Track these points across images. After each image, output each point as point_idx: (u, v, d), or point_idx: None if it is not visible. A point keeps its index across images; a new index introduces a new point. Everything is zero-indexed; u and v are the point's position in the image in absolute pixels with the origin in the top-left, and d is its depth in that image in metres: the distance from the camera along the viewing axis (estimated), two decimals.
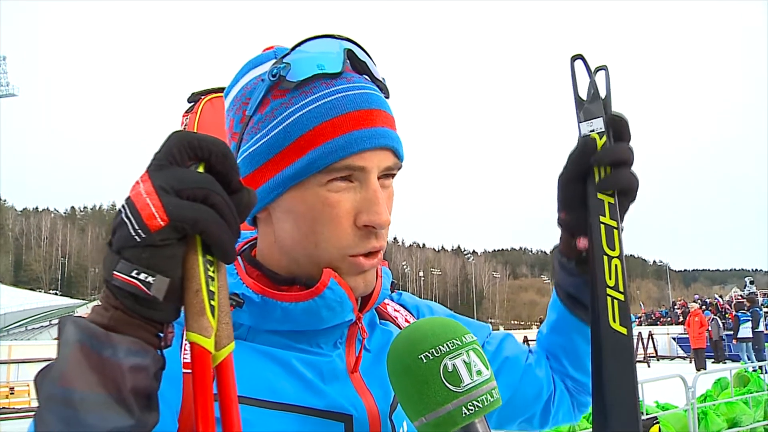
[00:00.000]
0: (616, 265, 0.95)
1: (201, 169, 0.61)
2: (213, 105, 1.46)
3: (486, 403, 0.71)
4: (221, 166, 0.61)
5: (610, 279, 0.95)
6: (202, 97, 1.49)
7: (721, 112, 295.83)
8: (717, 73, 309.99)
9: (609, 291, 0.95)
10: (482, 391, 0.71)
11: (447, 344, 0.73)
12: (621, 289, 0.94)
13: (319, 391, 0.84)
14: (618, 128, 0.95)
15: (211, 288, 0.61)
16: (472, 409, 0.69)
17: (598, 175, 0.96)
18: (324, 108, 0.81)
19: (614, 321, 0.93)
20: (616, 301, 0.94)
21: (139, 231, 0.56)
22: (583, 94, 1.00)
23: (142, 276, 0.57)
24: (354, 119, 0.81)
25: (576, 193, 0.98)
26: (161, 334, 0.62)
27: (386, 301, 1.07)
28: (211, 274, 0.61)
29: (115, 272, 0.57)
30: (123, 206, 0.58)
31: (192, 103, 1.50)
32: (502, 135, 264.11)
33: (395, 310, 1.06)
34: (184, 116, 1.49)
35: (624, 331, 0.93)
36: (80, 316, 0.61)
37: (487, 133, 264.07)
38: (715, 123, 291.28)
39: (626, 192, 0.96)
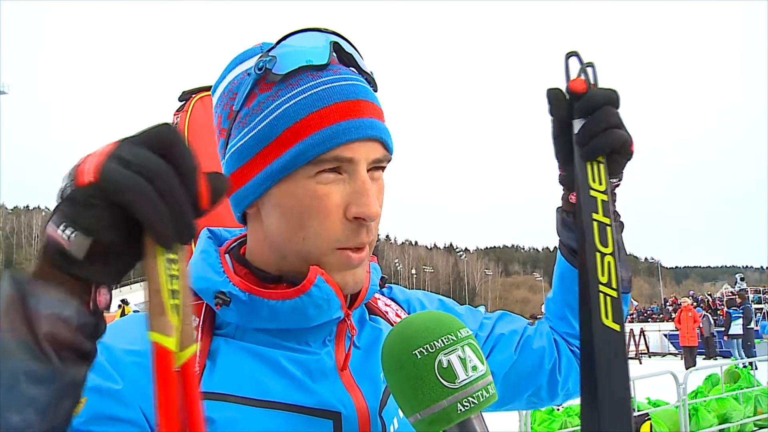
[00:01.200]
0: (609, 262, 0.95)
1: None
2: (204, 103, 1.46)
3: (482, 399, 0.70)
4: (181, 178, 0.58)
5: (603, 276, 0.95)
6: (193, 95, 1.48)
7: (713, 110, 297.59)
8: (713, 69, 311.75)
9: (602, 288, 0.94)
10: (478, 387, 0.70)
11: (441, 340, 0.71)
12: (614, 285, 0.94)
13: (307, 388, 0.84)
14: (590, 106, 0.96)
15: (173, 287, 0.60)
16: (467, 406, 0.69)
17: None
18: (311, 99, 0.81)
19: (607, 318, 0.93)
20: (608, 298, 0.94)
21: (69, 183, 0.57)
22: (571, 95, 1.01)
23: (67, 231, 0.57)
24: (341, 110, 0.80)
25: (564, 146, 1.02)
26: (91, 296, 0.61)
27: (377, 296, 1.06)
28: (173, 272, 0.60)
29: (48, 223, 0.58)
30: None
31: (183, 102, 1.49)
32: (494, 132, 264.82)
33: (386, 305, 1.05)
34: (175, 115, 1.48)
35: (617, 327, 0.93)
36: (18, 269, 0.61)
37: (480, 131, 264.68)
38: (707, 121, 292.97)
39: (617, 151, 0.97)
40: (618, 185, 1.06)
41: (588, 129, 0.96)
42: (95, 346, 0.62)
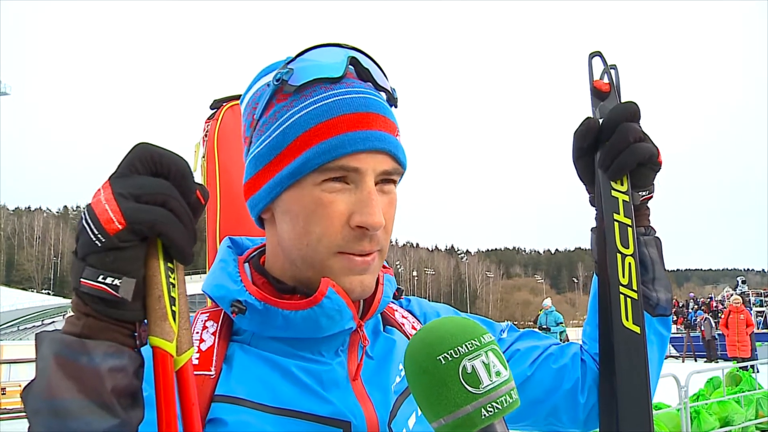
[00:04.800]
0: (629, 263, 0.94)
1: None
2: (234, 112, 1.48)
3: (505, 405, 0.70)
4: (178, 185, 0.63)
5: (624, 277, 0.94)
6: (224, 104, 1.50)
7: (714, 111, 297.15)
8: (712, 71, 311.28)
9: (622, 289, 0.94)
10: (501, 392, 0.70)
11: (465, 345, 0.71)
12: (634, 287, 0.93)
13: (319, 397, 0.85)
14: (608, 128, 0.96)
15: (173, 294, 0.63)
16: (491, 411, 0.69)
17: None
18: (321, 110, 0.83)
19: (627, 319, 0.92)
20: (629, 300, 0.93)
21: (99, 235, 0.59)
22: (595, 93, 1.01)
23: (109, 280, 0.60)
24: (349, 121, 0.82)
25: (587, 167, 1.01)
26: (135, 334, 0.65)
27: (394, 307, 1.07)
28: (172, 281, 0.64)
29: (82, 279, 0.60)
30: (83, 213, 0.61)
31: (214, 110, 1.51)
32: (495, 134, 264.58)
33: (403, 317, 1.06)
34: (206, 122, 1.51)
35: (637, 329, 0.92)
36: (55, 330, 0.63)
37: (481, 132, 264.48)
38: (708, 122, 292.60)
39: (643, 164, 0.96)
40: (650, 197, 1.03)
41: (609, 151, 0.95)
42: (142, 381, 0.65)
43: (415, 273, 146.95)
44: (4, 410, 10.58)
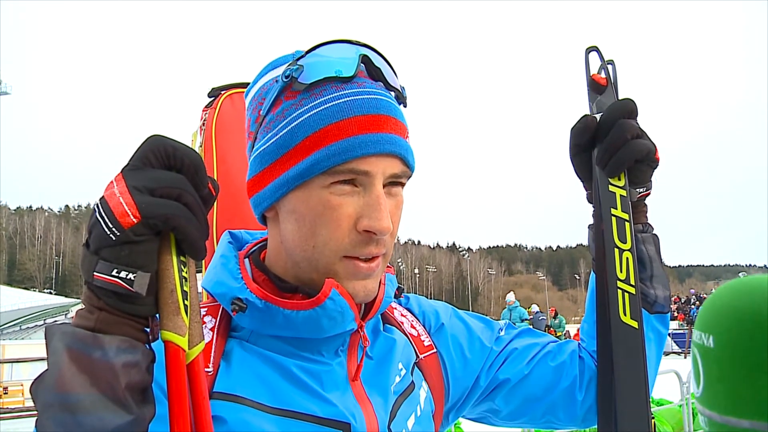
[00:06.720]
0: (627, 258, 0.94)
1: None
2: (233, 101, 1.46)
3: None
4: (191, 178, 0.63)
5: (621, 272, 0.94)
6: (223, 92, 1.48)
7: (716, 106, 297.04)
8: (715, 63, 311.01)
9: (620, 284, 0.94)
10: None
11: None
12: (632, 282, 0.93)
13: (318, 398, 0.84)
14: (605, 126, 0.95)
15: (185, 288, 0.63)
16: None
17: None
18: (331, 111, 0.81)
19: (625, 314, 0.92)
20: (627, 294, 0.93)
21: (113, 229, 0.58)
22: (593, 86, 1.01)
23: (123, 274, 0.59)
24: (360, 123, 0.81)
25: (586, 164, 1.02)
26: (147, 329, 0.64)
27: (393, 305, 1.06)
28: (184, 274, 0.63)
29: (95, 273, 0.59)
30: (96, 206, 0.59)
31: (212, 98, 1.49)
32: (496, 131, 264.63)
33: (402, 315, 1.05)
34: (203, 111, 1.49)
35: (635, 324, 0.92)
36: (65, 323, 0.62)
37: (482, 130, 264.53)
38: (710, 118, 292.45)
39: (640, 161, 0.96)
40: (648, 194, 1.03)
41: (607, 147, 0.95)
42: (153, 377, 0.64)
43: (416, 270, 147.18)
44: (5, 409, 10.61)
